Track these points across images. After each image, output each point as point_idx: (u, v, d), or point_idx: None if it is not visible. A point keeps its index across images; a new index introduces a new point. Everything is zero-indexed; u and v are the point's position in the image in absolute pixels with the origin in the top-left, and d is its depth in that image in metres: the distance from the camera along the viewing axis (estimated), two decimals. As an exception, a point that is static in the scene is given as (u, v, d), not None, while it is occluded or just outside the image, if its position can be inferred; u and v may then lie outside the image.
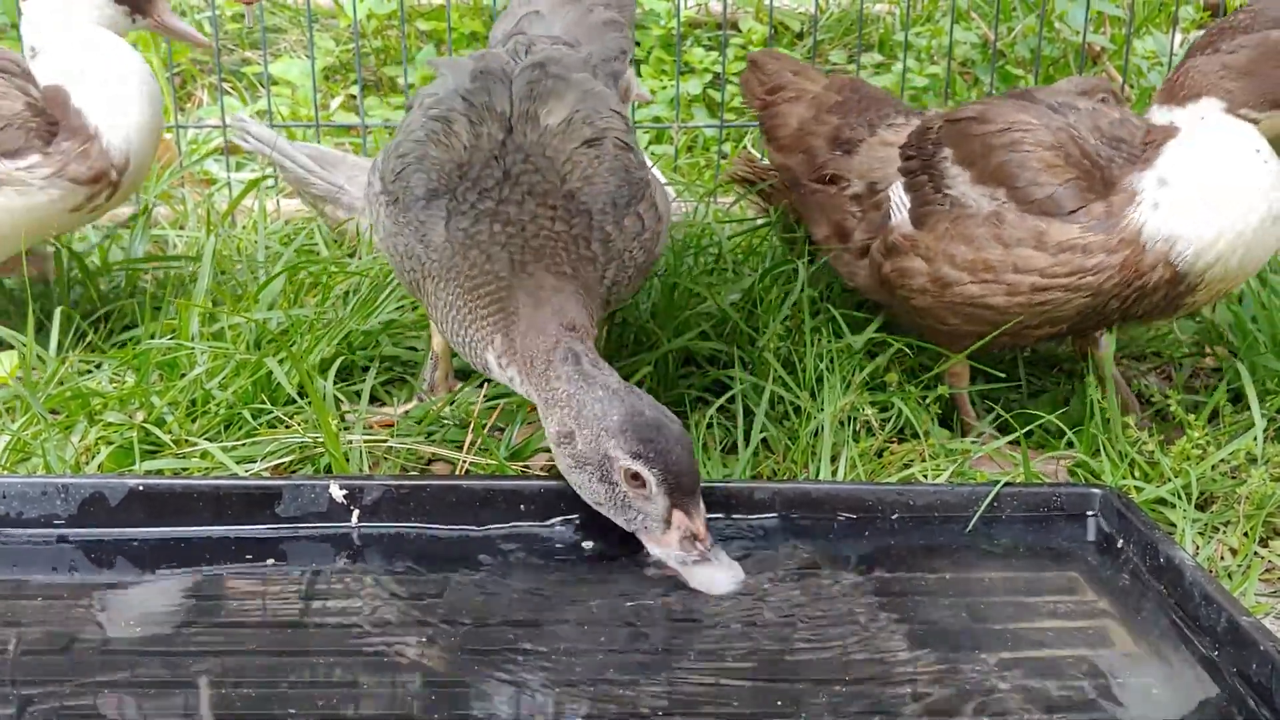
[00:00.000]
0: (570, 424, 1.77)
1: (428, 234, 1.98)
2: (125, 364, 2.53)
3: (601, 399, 1.76)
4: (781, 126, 2.73)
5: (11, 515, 1.83)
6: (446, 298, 1.97)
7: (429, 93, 2.09)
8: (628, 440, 1.72)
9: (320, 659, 1.55)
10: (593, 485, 1.77)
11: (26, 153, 2.50)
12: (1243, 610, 1.59)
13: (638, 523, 1.77)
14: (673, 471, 1.72)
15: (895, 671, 1.56)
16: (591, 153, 2.01)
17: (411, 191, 2.00)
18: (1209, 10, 5.75)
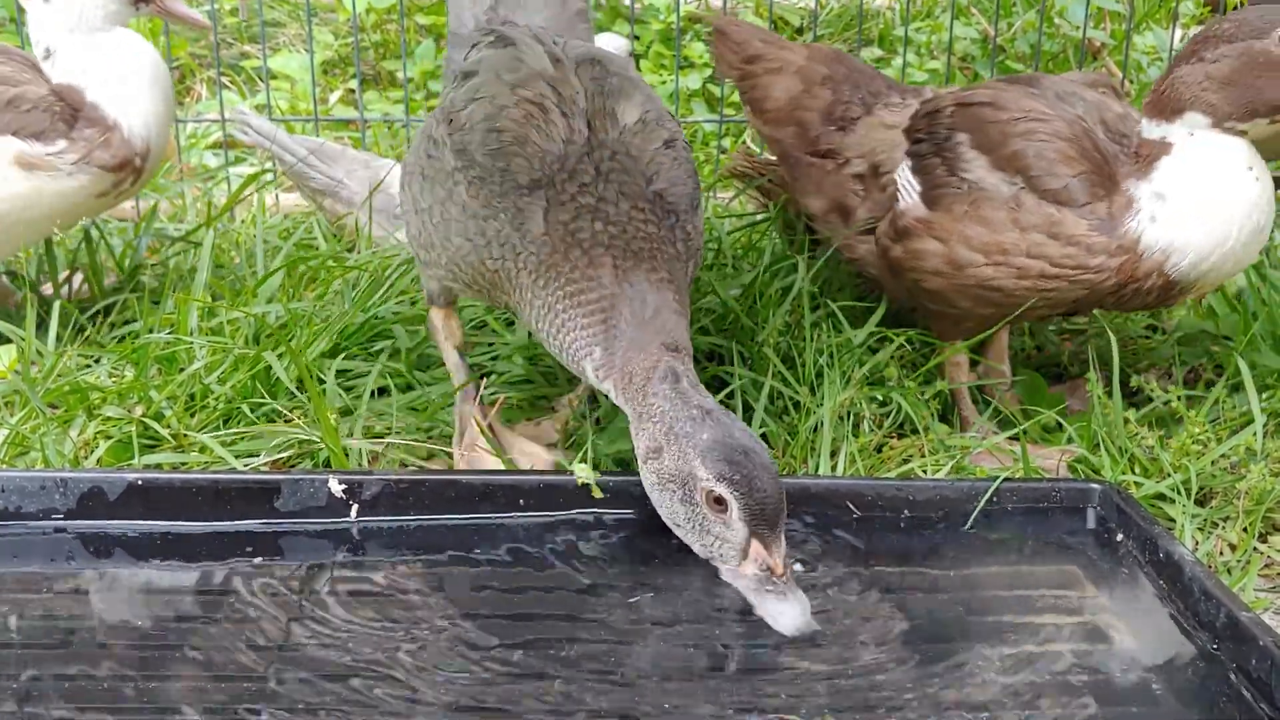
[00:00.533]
0: (660, 439, 1.73)
1: (525, 222, 1.93)
2: (124, 358, 2.53)
3: (695, 418, 1.72)
4: (769, 99, 2.72)
5: (10, 509, 1.83)
6: (545, 298, 1.92)
7: (503, 65, 2.04)
8: (714, 461, 1.67)
9: (319, 654, 1.55)
10: (673, 505, 1.72)
11: (53, 137, 2.55)
12: (1242, 605, 1.59)
13: (714, 549, 1.71)
14: (756, 499, 1.66)
15: (894, 666, 1.56)
16: (670, 154, 2.02)
17: (513, 178, 1.94)
18: (1209, 5, 5.74)
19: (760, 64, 2.76)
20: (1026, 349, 2.91)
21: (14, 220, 2.60)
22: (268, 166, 3.74)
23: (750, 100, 2.78)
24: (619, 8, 5.32)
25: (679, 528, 1.74)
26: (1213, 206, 2.21)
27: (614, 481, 1.90)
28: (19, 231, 2.65)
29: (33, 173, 2.54)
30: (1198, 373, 2.73)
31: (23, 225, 2.63)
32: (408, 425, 2.32)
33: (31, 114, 2.55)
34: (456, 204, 2.01)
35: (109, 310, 2.85)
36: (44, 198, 2.58)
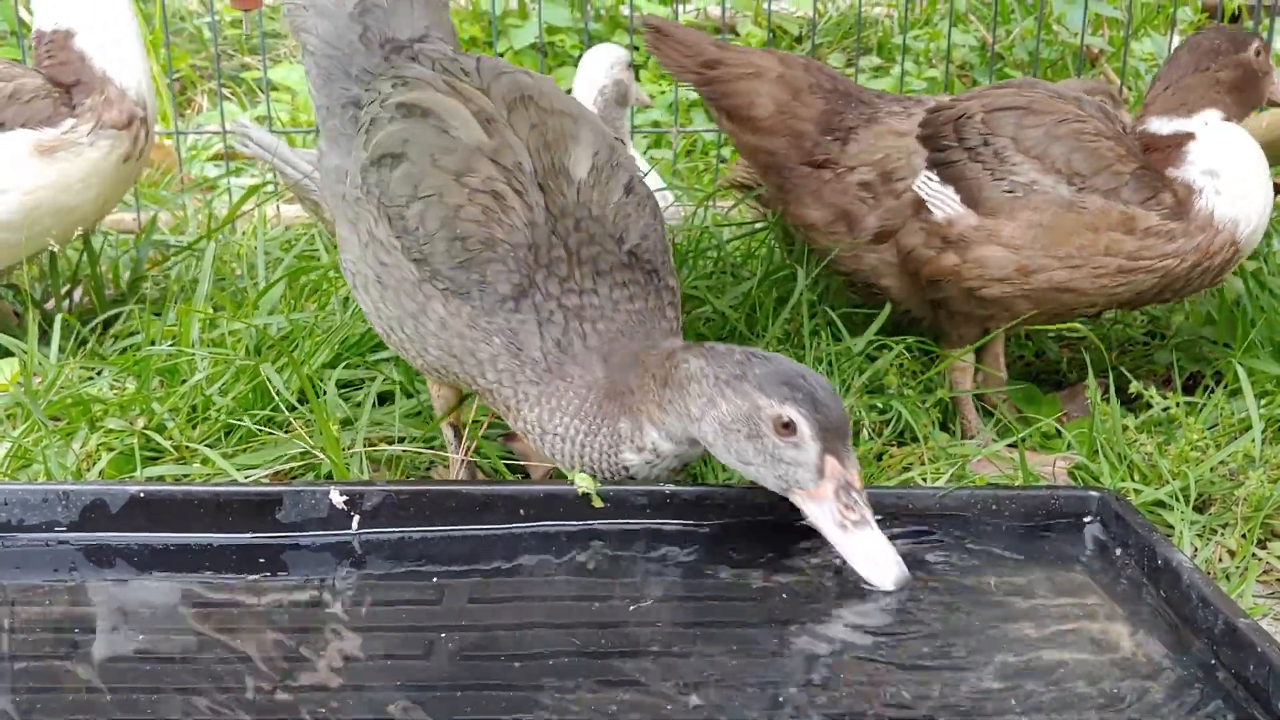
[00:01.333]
0: (711, 393, 1.72)
1: (523, 345, 1.85)
2: (126, 370, 2.54)
3: (739, 361, 1.73)
4: (754, 106, 2.66)
5: (13, 522, 1.83)
6: (554, 428, 1.87)
7: (436, 146, 1.89)
8: (775, 386, 1.68)
9: (321, 666, 1.56)
10: (742, 446, 1.72)
11: (60, 119, 2.62)
12: (1240, 612, 1.59)
13: (790, 476, 1.71)
14: (823, 412, 1.68)
15: (891, 676, 1.56)
16: (634, 201, 1.93)
17: (494, 289, 1.84)
18: (1206, 12, 5.76)
19: (726, 69, 2.69)
20: (1025, 356, 2.92)
21: (55, 207, 2.64)
22: (269, 178, 3.75)
23: (727, 108, 2.71)
24: (618, 18, 5.34)
25: (749, 466, 1.74)
26: (1254, 177, 2.45)
27: (614, 491, 1.91)
28: (63, 217, 2.68)
29: (54, 156, 2.59)
30: (1196, 379, 2.73)
31: (64, 211, 2.67)
32: (409, 435, 2.33)
33: (34, 103, 2.61)
34: (433, 319, 1.90)
35: (110, 322, 2.85)
36: (76, 177, 2.64)
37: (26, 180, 2.61)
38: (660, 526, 1.90)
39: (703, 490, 1.92)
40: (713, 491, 1.92)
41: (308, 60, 2.20)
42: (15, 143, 2.60)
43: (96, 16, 2.67)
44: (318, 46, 2.15)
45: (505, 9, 5.40)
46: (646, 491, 1.91)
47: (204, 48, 5.12)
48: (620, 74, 3.41)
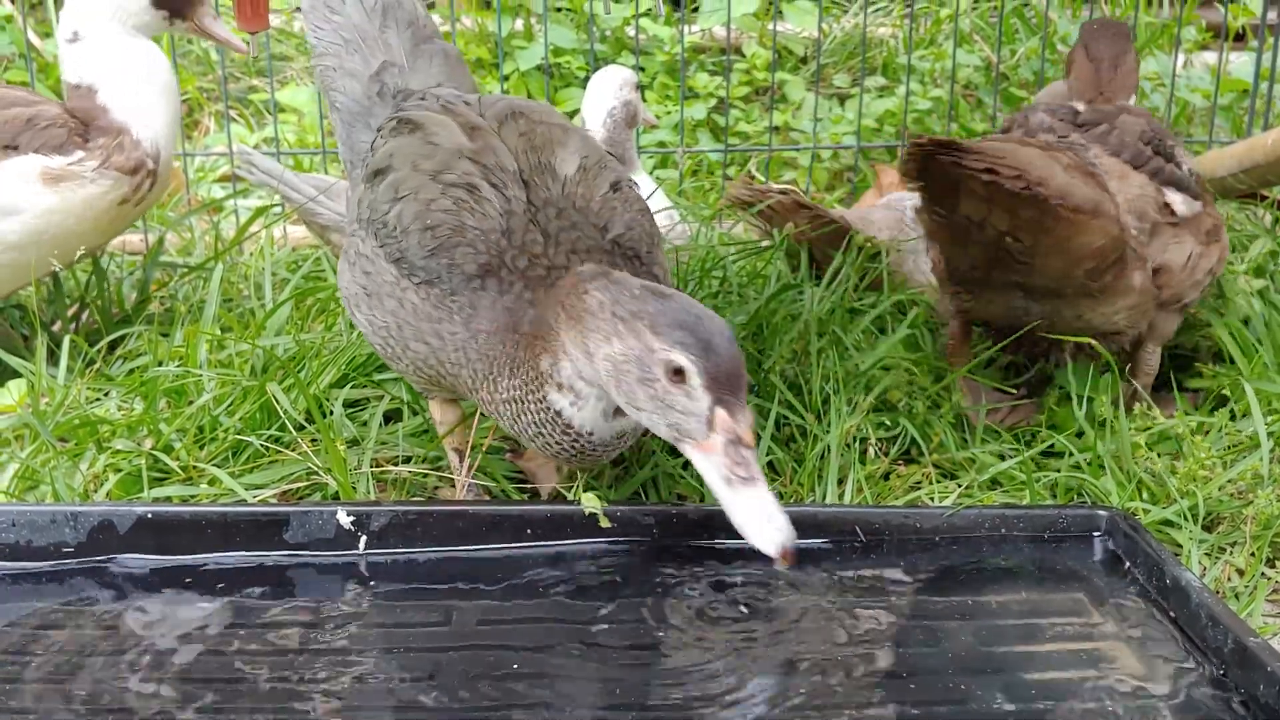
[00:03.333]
0: (606, 326, 1.67)
1: (473, 318, 1.84)
2: (133, 391, 2.54)
3: (637, 295, 1.66)
4: (1081, 208, 2.23)
5: (21, 543, 1.84)
6: (503, 395, 1.83)
7: (417, 153, 1.94)
8: (668, 329, 1.61)
9: (328, 686, 1.55)
10: (632, 388, 1.65)
11: (71, 149, 2.69)
12: (1250, 631, 1.59)
13: (679, 425, 1.63)
14: (714, 363, 1.60)
15: (902, 695, 1.56)
16: (620, 197, 1.95)
17: (460, 270, 1.85)
18: (1211, 31, 5.77)
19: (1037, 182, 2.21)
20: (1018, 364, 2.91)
21: (51, 236, 2.70)
22: (275, 200, 3.77)
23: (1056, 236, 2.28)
24: (624, 39, 5.36)
25: (641, 412, 1.68)
26: None
27: (621, 511, 1.91)
28: (55, 246, 2.73)
29: (59, 185, 2.66)
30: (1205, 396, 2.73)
31: (58, 240, 2.71)
32: (415, 455, 2.33)
33: (49, 130, 2.67)
34: (409, 311, 1.92)
35: (116, 344, 2.86)
36: (73, 209, 2.69)
37: (37, 203, 2.66)
38: (668, 546, 1.90)
39: (710, 510, 1.92)
40: (719, 511, 1.92)
41: (334, 116, 2.31)
42: (26, 166, 2.65)
43: (120, 75, 2.75)
44: (344, 104, 2.26)
45: (511, 30, 5.43)
46: (653, 511, 1.91)
47: (211, 70, 5.14)
48: (629, 95, 3.43)
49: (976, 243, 2.36)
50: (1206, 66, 5.48)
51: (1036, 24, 5.32)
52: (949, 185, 2.26)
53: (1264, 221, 3.83)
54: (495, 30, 4.90)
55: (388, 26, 2.28)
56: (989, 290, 2.48)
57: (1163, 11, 5.77)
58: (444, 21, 5.48)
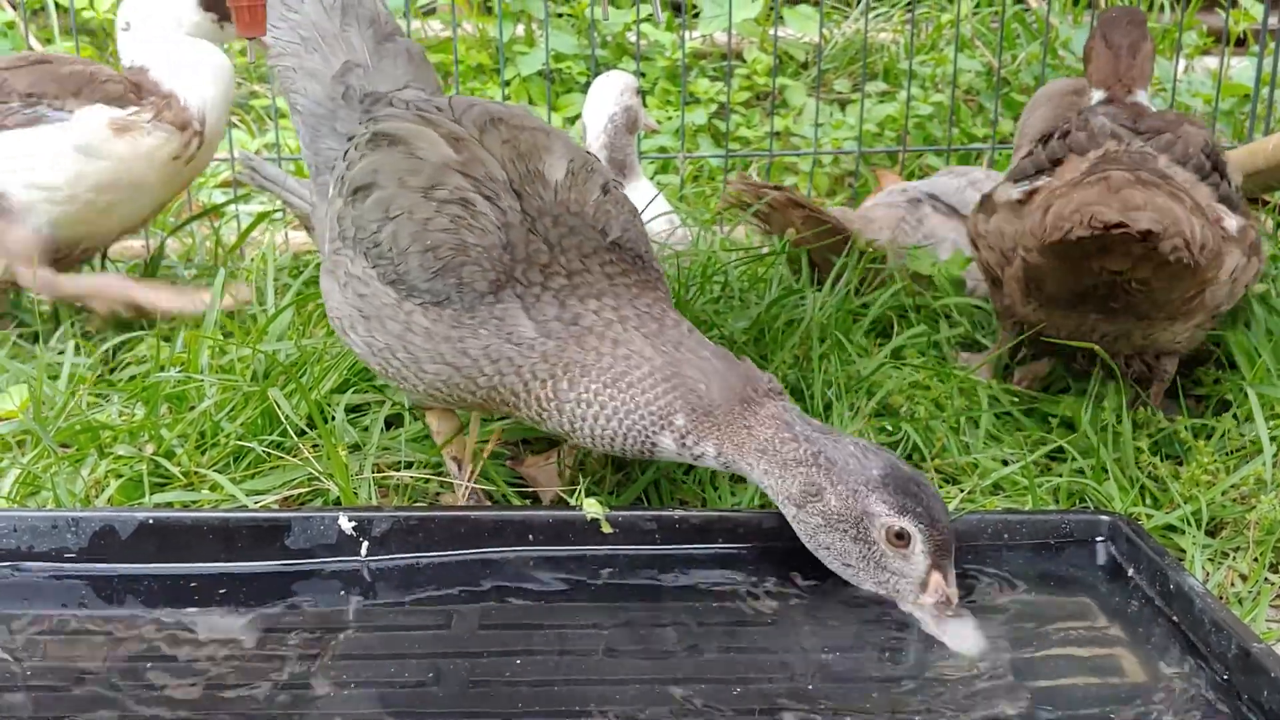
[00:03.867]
0: (820, 480, 1.71)
1: (513, 329, 1.83)
2: (135, 396, 2.54)
3: (855, 454, 1.71)
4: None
5: (22, 549, 1.84)
6: (577, 395, 1.84)
7: (404, 169, 1.92)
8: (893, 494, 1.67)
9: (330, 692, 1.55)
10: (844, 544, 1.72)
11: (127, 103, 2.96)
12: (1253, 637, 1.58)
13: (891, 584, 1.72)
14: (938, 529, 1.68)
15: (905, 700, 1.55)
16: (611, 200, 1.95)
17: (471, 288, 1.84)
18: (1212, 36, 5.77)
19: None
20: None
21: (125, 183, 2.97)
22: (277, 205, 3.77)
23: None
24: (625, 45, 5.36)
25: (849, 568, 1.74)
26: None
27: (623, 517, 1.90)
28: (129, 194, 2.99)
29: (125, 135, 2.93)
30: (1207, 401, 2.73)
31: (130, 190, 2.99)
32: (417, 460, 2.32)
33: (109, 85, 2.96)
34: (418, 334, 1.90)
35: (117, 349, 2.86)
36: (139, 158, 2.96)
37: (111, 149, 2.92)
38: (670, 551, 1.90)
39: (712, 515, 1.92)
40: (723, 516, 1.92)
41: (296, 119, 2.28)
42: (98, 114, 2.92)
43: (168, 56, 3.03)
44: (306, 106, 2.23)
45: (513, 36, 5.43)
46: (655, 516, 1.91)
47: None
48: (629, 100, 3.43)
49: (1091, 282, 2.33)
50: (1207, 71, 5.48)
51: (1038, 29, 5.32)
52: (1103, 246, 2.20)
53: (1266, 226, 3.84)
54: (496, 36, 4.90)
55: (348, 25, 2.24)
56: (1068, 312, 2.47)
57: (1164, 16, 5.77)
58: (444, 27, 5.49)
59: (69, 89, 2.93)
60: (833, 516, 1.71)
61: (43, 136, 2.90)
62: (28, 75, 2.93)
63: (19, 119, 2.91)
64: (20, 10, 4.52)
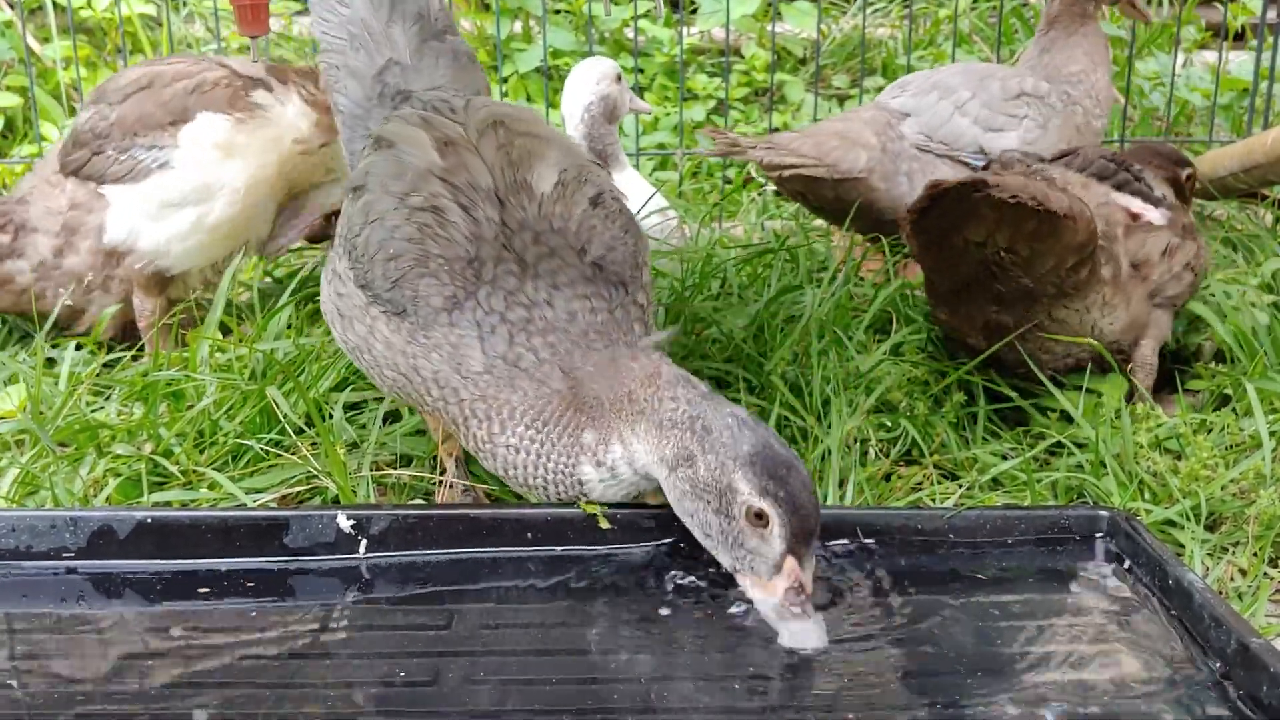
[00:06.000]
0: (692, 446, 1.66)
1: (463, 360, 1.80)
2: (133, 396, 2.54)
3: (730, 426, 1.65)
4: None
5: (20, 548, 1.83)
6: (506, 438, 1.80)
7: (388, 173, 1.90)
8: (758, 474, 1.62)
9: (328, 691, 1.55)
10: (705, 515, 1.67)
11: (237, 104, 2.91)
12: (1253, 632, 1.58)
13: (744, 563, 1.66)
14: (799, 516, 1.62)
15: (904, 696, 1.55)
16: (601, 213, 1.89)
17: (426, 303, 1.81)
18: (1210, 30, 5.76)
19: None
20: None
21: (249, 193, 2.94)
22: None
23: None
24: (623, 41, 5.36)
25: (708, 538, 1.70)
26: None
27: (621, 514, 1.90)
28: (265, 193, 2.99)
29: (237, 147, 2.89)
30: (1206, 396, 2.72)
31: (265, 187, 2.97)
32: (415, 458, 2.32)
33: (216, 91, 2.90)
34: (379, 341, 1.88)
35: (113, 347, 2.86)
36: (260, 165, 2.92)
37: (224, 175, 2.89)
38: (668, 549, 1.90)
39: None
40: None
41: (338, 119, 2.26)
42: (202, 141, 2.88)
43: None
44: (346, 106, 2.21)
45: (510, 33, 5.42)
46: (654, 514, 1.91)
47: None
48: (606, 89, 3.36)
49: (966, 261, 2.47)
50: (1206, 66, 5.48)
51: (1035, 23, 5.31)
52: (957, 216, 2.37)
53: (1264, 221, 3.83)
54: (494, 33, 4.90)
55: (394, 21, 2.19)
56: (967, 305, 2.55)
57: (1162, 11, 5.77)
58: (443, 24, 5.47)
59: (172, 113, 2.87)
60: (700, 485, 1.66)
61: (150, 191, 2.87)
62: (133, 108, 2.87)
63: (117, 169, 2.87)
64: (18, 10, 4.51)
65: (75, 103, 4.58)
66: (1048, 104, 3.40)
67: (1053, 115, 3.40)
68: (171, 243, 2.90)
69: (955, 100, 3.36)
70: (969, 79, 3.42)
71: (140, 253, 2.90)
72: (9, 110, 4.74)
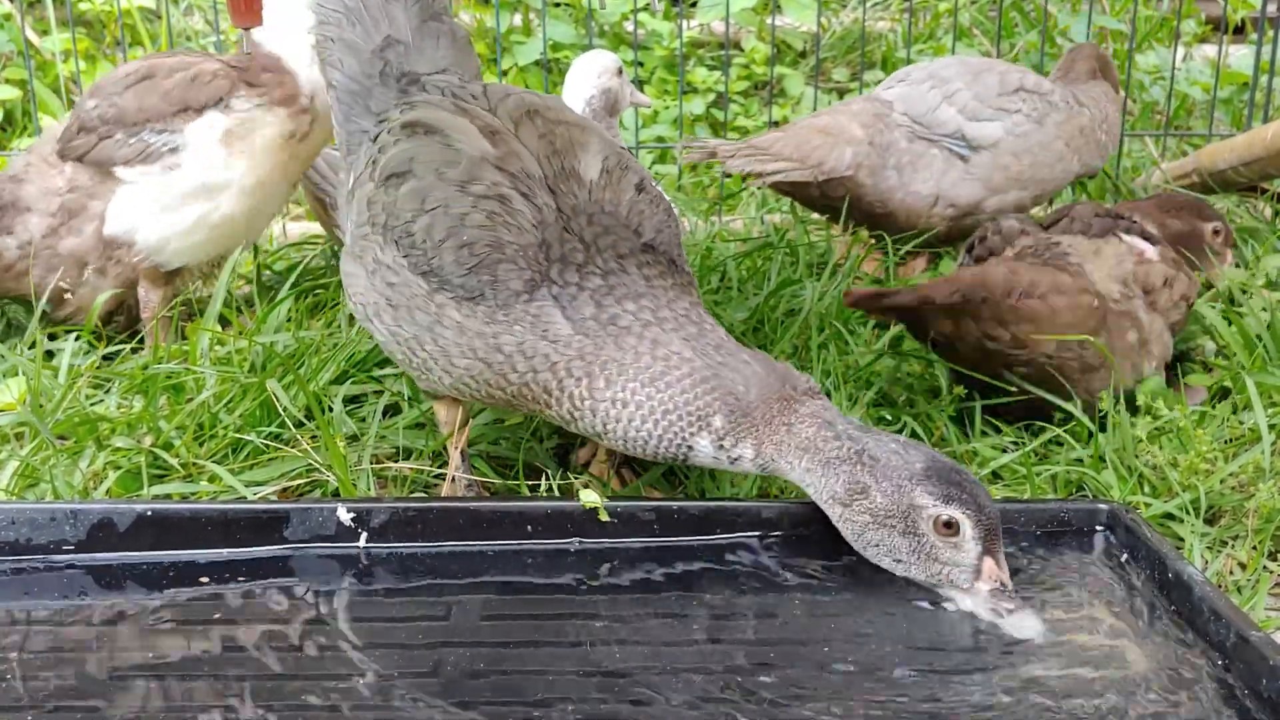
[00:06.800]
0: (864, 478, 1.73)
1: (549, 327, 1.83)
2: (133, 388, 2.54)
3: (895, 450, 1.73)
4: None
5: (20, 541, 1.83)
6: (612, 396, 1.83)
7: (439, 160, 1.91)
8: (937, 485, 1.70)
9: (328, 683, 1.55)
10: (893, 540, 1.74)
11: (234, 95, 2.90)
12: (1252, 625, 1.59)
13: (944, 574, 1.74)
14: (986, 514, 1.70)
15: (904, 687, 1.56)
16: (647, 198, 1.93)
17: (505, 286, 1.84)
18: (1210, 24, 5.76)
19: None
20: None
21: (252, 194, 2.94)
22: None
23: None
24: (622, 34, 5.35)
25: (900, 563, 1.76)
26: None
27: (621, 507, 1.90)
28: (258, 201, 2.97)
29: (239, 144, 2.89)
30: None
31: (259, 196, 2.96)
32: (416, 450, 2.32)
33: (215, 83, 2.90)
34: (449, 327, 1.90)
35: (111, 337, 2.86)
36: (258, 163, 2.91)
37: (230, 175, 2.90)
38: (668, 542, 1.90)
39: (711, 505, 1.92)
40: (721, 507, 1.92)
41: (331, 95, 2.24)
42: (208, 135, 2.88)
43: (280, 30, 2.95)
44: (341, 82, 2.20)
45: (510, 26, 5.42)
46: (654, 507, 1.91)
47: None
48: (608, 82, 3.37)
49: (965, 351, 2.46)
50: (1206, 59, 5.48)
51: (1036, 17, 5.31)
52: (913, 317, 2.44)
53: (1264, 215, 3.83)
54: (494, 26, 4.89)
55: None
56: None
57: (1162, 4, 5.76)
58: (442, 17, 5.46)
59: (174, 103, 2.87)
60: (880, 513, 1.73)
61: (159, 184, 2.87)
62: (134, 98, 2.87)
63: (127, 152, 2.87)
64: (17, 2, 4.51)
65: (74, 95, 4.58)
66: (1048, 100, 3.39)
67: (1051, 111, 3.38)
68: (174, 238, 2.89)
69: (945, 90, 3.35)
70: (965, 70, 3.41)
71: (141, 246, 2.89)
72: (8, 103, 4.74)
